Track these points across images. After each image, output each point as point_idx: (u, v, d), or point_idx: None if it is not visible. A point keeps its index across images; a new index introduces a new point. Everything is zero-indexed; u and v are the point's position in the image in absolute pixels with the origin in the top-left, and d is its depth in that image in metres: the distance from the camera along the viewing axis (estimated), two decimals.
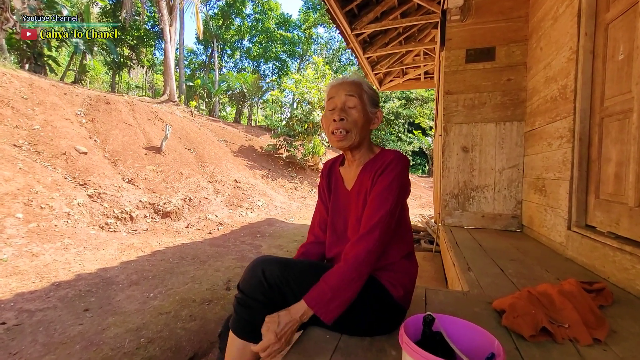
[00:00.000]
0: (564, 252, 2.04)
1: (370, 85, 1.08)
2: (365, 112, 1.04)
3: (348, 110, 1.03)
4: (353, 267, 0.90)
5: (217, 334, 2.48)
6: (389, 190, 0.95)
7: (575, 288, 1.25)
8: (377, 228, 0.92)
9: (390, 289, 0.97)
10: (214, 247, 4.66)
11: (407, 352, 0.63)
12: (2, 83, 7.00)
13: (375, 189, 0.97)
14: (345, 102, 1.03)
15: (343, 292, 0.88)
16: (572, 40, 2.05)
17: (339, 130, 1.02)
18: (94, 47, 15.54)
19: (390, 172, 0.97)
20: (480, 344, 0.69)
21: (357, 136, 1.03)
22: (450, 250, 2.17)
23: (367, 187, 1.01)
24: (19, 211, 4.12)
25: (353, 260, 0.90)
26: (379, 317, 0.97)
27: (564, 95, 2.14)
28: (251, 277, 0.92)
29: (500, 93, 2.99)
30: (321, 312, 0.88)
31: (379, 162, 1.02)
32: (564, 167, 2.11)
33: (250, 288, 0.91)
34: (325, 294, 0.88)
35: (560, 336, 0.99)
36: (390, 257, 1.01)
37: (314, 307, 0.88)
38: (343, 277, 0.89)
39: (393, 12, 4.44)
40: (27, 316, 2.44)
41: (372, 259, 0.92)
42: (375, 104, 1.08)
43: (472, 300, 1.29)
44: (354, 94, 1.03)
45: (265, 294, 0.90)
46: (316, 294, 0.89)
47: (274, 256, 0.98)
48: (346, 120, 1.02)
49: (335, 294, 0.88)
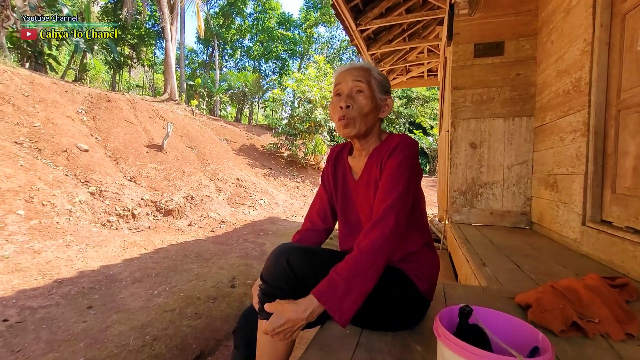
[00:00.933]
0: (579, 248, 2.00)
1: (379, 72, 1.03)
2: (374, 99, 0.98)
3: (355, 97, 0.97)
4: (368, 255, 0.80)
5: (223, 331, 2.43)
6: (400, 171, 0.88)
7: (599, 283, 1.21)
8: (391, 212, 0.84)
9: (416, 282, 0.92)
10: (217, 245, 4.61)
11: (446, 345, 0.58)
12: (3, 80, 6.95)
13: (385, 173, 0.91)
14: (352, 88, 0.97)
15: (358, 284, 0.78)
16: (587, 32, 2.01)
17: (345, 118, 0.96)
18: (95, 46, 15.47)
19: (397, 154, 0.91)
20: (521, 337, 0.64)
21: (363, 124, 0.97)
22: (462, 246, 2.13)
23: (376, 175, 0.95)
24: (21, 208, 4.08)
25: (367, 249, 0.81)
26: (404, 310, 0.92)
27: (578, 88, 2.10)
28: (275, 265, 0.87)
29: (509, 88, 2.95)
30: (334, 309, 0.76)
31: (385, 147, 0.96)
32: (577, 161, 2.07)
33: (275, 278, 0.86)
34: (337, 287, 0.77)
35: (592, 332, 0.94)
36: (411, 246, 0.96)
37: (325, 302, 0.77)
38: (356, 267, 0.79)
39: (398, 8, 4.40)
40: (29, 313, 2.40)
41: (389, 247, 0.82)
42: (385, 90, 1.02)
43: (493, 295, 1.25)
44: (362, 80, 0.97)
45: (289, 283, 0.85)
46: (327, 287, 0.78)
47: (296, 244, 0.93)
48: (352, 107, 0.96)
49: (349, 286, 0.77)
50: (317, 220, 1.15)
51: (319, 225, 1.14)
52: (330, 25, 25.84)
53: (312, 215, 1.17)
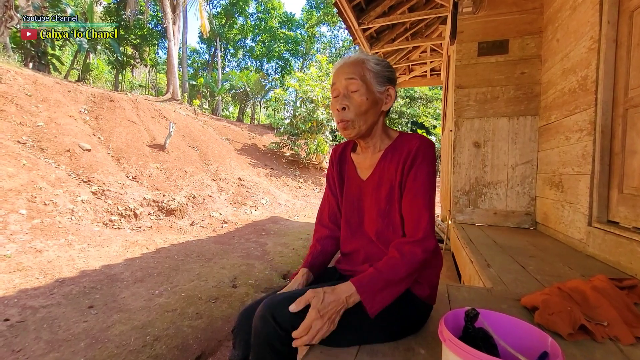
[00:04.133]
0: (585, 249, 1.97)
1: (378, 60, 0.95)
2: (371, 94, 0.92)
3: (350, 96, 0.91)
4: (409, 264, 0.82)
5: (224, 332, 2.41)
6: (430, 183, 0.89)
7: (607, 285, 1.19)
8: (432, 232, 0.87)
9: (417, 292, 0.89)
10: (218, 244, 4.61)
11: (452, 349, 0.56)
12: (6, 80, 6.98)
13: (417, 183, 0.89)
14: (347, 86, 0.92)
15: (394, 286, 0.81)
16: (593, 30, 1.97)
17: (342, 121, 0.92)
18: (98, 46, 15.53)
19: (424, 162, 0.89)
20: (529, 342, 0.62)
21: (362, 124, 0.92)
22: (466, 246, 2.10)
23: (392, 179, 0.92)
24: (23, 207, 4.09)
25: (410, 257, 0.82)
26: (406, 324, 0.90)
27: (584, 87, 2.07)
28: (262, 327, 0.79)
29: (513, 87, 2.92)
30: (368, 300, 0.79)
31: (403, 149, 0.92)
32: (583, 161, 2.04)
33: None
34: (377, 283, 0.80)
35: (600, 335, 0.92)
36: None
37: (363, 293, 0.79)
38: (397, 271, 0.81)
39: (401, 7, 4.37)
40: (30, 313, 2.40)
41: (423, 264, 0.85)
42: (385, 80, 0.94)
43: (498, 296, 1.22)
44: (355, 77, 0.91)
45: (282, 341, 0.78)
46: (367, 281, 0.80)
47: (281, 295, 0.85)
48: (348, 108, 0.91)
49: (387, 284, 0.80)
50: (331, 225, 1.10)
51: (335, 231, 1.09)
52: (333, 24, 25.82)
53: (324, 221, 1.11)
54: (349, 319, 0.81)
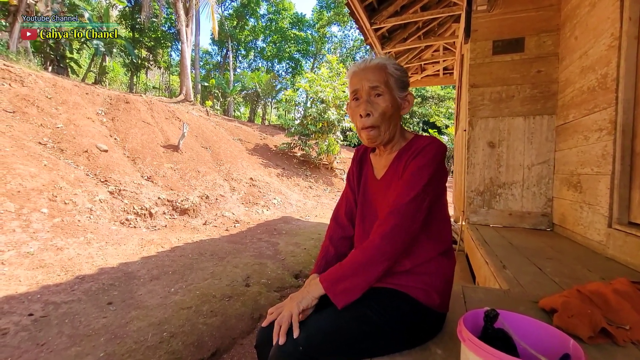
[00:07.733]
0: (604, 251, 1.92)
1: (397, 66, 0.96)
2: (393, 99, 0.94)
3: (374, 102, 0.93)
4: (364, 251, 0.85)
5: (238, 330, 2.44)
6: (419, 175, 0.86)
7: (629, 288, 1.16)
8: (407, 208, 0.84)
9: (425, 301, 0.87)
10: (231, 243, 4.67)
11: (472, 349, 0.57)
12: (27, 83, 7.23)
13: (407, 172, 0.89)
14: (370, 92, 0.93)
15: (363, 270, 0.83)
16: (614, 26, 1.92)
17: (367, 128, 0.94)
18: (113, 49, 15.91)
19: (422, 156, 0.88)
20: (549, 343, 0.62)
21: (387, 130, 0.95)
22: (480, 248, 2.08)
23: (399, 176, 0.93)
24: (44, 206, 4.23)
25: (378, 238, 0.85)
26: (420, 335, 0.89)
27: (604, 85, 2.02)
28: None
29: (529, 85, 2.86)
30: (330, 290, 0.84)
31: (413, 147, 0.93)
32: (603, 161, 1.99)
33: None
34: (336, 273, 0.86)
35: (622, 338, 0.90)
36: (424, 254, 0.90)
37: (323, 282, 0.85)
38: (362, 255, 0.85)
39: (413, 6, 4.34)
40: (53, 308, 2.48)
41: (401, 239, 0.83)
42: (404, 86, 0.97)
43: (515, 298, 1.21)
44: (379, 83, 0.92)
45: None
46: (330, 271, 0.88)
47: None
48: (372, 114, 0.92)
49: (347, 271, 0.84)
50: (346, 223, 1.11)
51: (349, 230, 1.10)
52: (344, 24, 25.78)
53: (340, 218, 1.12)
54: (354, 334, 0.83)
